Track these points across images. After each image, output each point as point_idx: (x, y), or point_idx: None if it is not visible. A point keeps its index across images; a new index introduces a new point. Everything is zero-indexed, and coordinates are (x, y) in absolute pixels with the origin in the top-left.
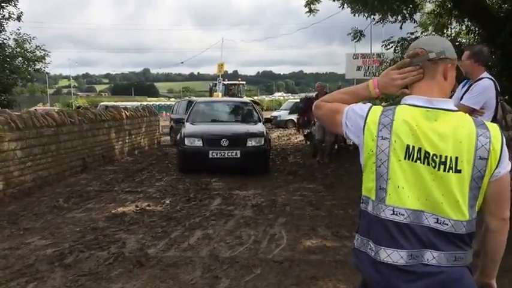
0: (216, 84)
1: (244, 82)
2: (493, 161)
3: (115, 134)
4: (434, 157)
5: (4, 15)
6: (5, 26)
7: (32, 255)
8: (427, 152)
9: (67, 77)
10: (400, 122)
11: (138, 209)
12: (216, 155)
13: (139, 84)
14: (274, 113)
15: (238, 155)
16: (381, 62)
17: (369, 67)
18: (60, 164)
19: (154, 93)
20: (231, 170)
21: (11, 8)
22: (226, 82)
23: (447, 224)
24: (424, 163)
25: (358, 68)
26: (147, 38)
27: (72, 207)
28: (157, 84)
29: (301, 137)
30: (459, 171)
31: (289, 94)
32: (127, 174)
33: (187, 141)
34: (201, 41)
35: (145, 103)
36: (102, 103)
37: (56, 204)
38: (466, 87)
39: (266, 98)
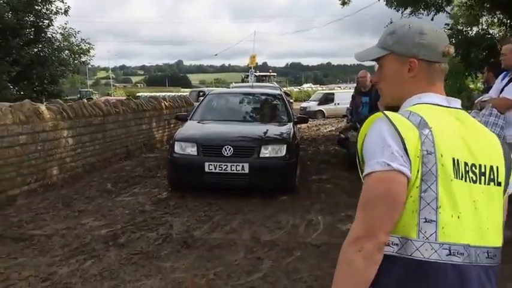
0: (248, 75)
1: (275, 74)
2: None
3: (155, 124)
4: (474, 168)
5: (52, 10)
6: (53, 20)
7: (87, 235)
8: (473, 165)
9: (105, 69)
10: (439, 128)
11: (180, 194)
12: (215, 168)
13: (173, 75)
14: (304, 104)
15: (246, 170)
16: None
17: None
18: (106, 151)
19: (187, 84)
20: (236, 190)
21: (58, 3)
22: (257, 73)
23: (496, 256)
24: (467, 179)
25: None
26: (183, 30)
27: (120, 191)
28: (189, 76)
29: (330, 127)
30: (500, 184)
31: (318, 85)
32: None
33: (177, 147)
34: (236, 33)
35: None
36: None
37: (105, 188)
38: (506, 80)
39: (295, 89)
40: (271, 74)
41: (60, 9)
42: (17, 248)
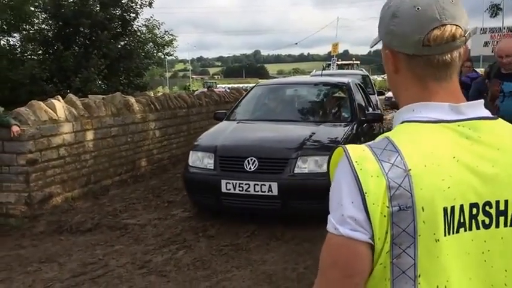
0: (329, 64)
1: (358, 62)
2: None
3: None
4: (487, 207)
5: (137, 2)
6: (139, 13)
7: (178, 225)
8: (486, 204)
9: (183, 61)
10: (424, 167)
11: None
12: (234, 188)
13: (250, 66)
14: (388, 94)
15: (275, 192)
16: None
17: (497, 42)
18: (190, 143)
19: (264, 74)
20: (264, 217)
21: None
22: (339, 62)
23: None
24: (473, 227)
25: (486, 44)
26: (262, 19)
27: None
28: (267, 66)
29: None
30: None
31: None
32: None
33: (192, 159)
34: (317, 20)
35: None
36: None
37: None
38: None
39: (378, 78)
40: (355, 62)
41: (145, 1)
42: (113, 236)
